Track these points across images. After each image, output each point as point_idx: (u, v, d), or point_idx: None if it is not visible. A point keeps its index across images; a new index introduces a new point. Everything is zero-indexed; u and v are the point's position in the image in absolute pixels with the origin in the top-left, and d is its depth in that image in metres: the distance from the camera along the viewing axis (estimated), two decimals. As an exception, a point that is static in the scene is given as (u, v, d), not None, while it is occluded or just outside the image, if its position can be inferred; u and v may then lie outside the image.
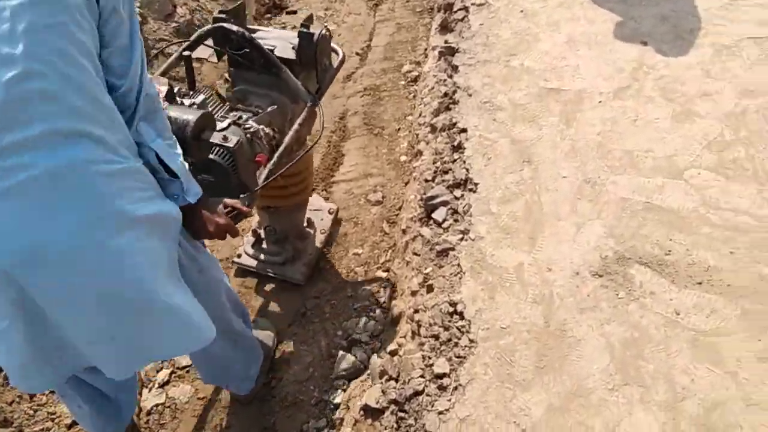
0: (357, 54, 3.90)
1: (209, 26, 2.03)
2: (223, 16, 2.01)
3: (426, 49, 3.78)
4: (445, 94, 2.98)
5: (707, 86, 2.61)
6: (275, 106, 2.02)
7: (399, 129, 3.36)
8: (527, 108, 2.66)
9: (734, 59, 2.71)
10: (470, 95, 2.81)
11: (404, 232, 2.61)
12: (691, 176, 2.25)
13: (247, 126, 1.87)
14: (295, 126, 2.00)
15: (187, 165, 1.43)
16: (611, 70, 2.76)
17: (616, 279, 1.97)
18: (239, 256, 2.68)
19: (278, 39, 2.09)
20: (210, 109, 1.81)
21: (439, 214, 2.42)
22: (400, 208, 2.88)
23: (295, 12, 4.36)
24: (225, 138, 1.71)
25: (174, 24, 3.66)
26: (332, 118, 3.41)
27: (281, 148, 1.95)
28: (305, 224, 2.74)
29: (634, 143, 2.41)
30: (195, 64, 2.20)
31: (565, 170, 2.36)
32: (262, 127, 1.92)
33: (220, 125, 1.79)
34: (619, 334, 1.82)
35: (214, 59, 2.10)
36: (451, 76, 3.03)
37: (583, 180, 2.31)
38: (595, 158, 2.38)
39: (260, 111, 2.00)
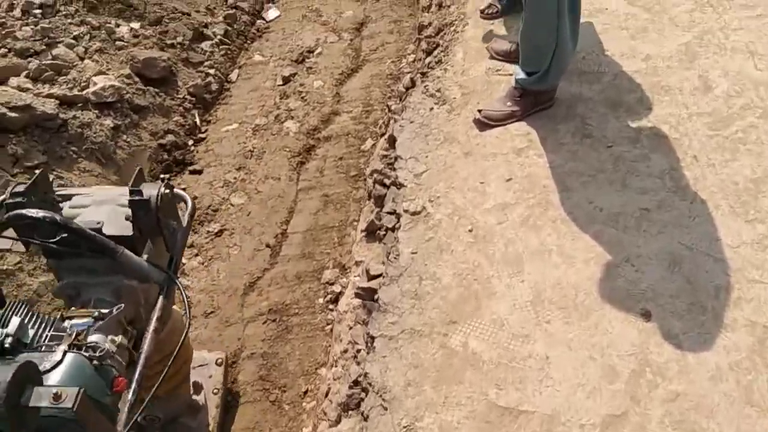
0: (267, 246, 2.96)
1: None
2: (20, 199, 1.48)
3: (351, 248, 2.84)
4: (356, 382, 2.04)
5: (747, 425, 1.65)
6: (122, 306, 1.50)
7: (306, 392, 2.40)
8: (467, 454, 1.70)
9: (786, 362, 1.76)
10: (385, 408, 1.86)
11: None
12: None
13: (90, 344, 1.36)
14: (151, 333, 1.50)
15: None
16: (598, 373, 1.81)
17: None
18: None
19: (104, 205, 1.63)
20: (31, 333, 1.35)
21: None
22: None
23: (200, 172, 3.44)
24: (57, 396, 1.18)
25: None
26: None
27: (139, 368, 1.42)
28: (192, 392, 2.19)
29: None
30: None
31: None
32: (111, 338, 1.42)
33: (47, 364, 1.26)
34: None
35: (21, 248, 1.62)
36: (367, 351, 2.09)
37: None
38: None
39: (103, 308, 1.50)
